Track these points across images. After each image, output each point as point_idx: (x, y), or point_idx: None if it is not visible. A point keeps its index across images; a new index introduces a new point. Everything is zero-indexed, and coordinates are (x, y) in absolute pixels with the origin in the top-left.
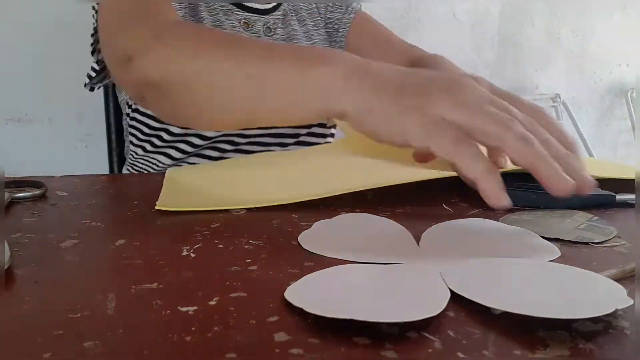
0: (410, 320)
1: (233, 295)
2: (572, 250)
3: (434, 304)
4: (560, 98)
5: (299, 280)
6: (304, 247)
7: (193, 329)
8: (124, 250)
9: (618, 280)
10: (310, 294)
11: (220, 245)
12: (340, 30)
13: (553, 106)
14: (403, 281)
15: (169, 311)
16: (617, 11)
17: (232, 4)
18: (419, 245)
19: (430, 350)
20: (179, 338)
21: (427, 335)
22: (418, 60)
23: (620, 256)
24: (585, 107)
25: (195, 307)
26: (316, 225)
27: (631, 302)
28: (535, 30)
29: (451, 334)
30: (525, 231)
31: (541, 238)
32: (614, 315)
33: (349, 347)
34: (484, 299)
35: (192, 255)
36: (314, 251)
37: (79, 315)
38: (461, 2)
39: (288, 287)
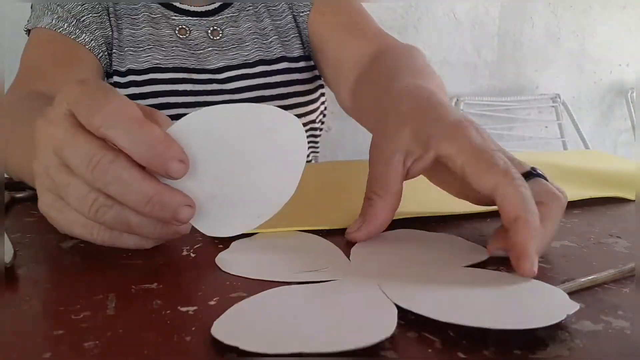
0: (367, 345)
1: (233, 295)
2: (571, 249)
3: (385, 323)
4: (560, 98)
5: (225, 313)
6: (224, 269)
7: (193, 329)
8: (124, 250)
9: (617, 280)
10: (243, 327)
11: (220, 246)
12: (302, 15)
13: (553, 106)
14: (343, 300)
15: (169, 311)
16: (617, 11)
17: (169, 9)
18: (349, 260)
19: (430, 351)
20: (179, 338)
21: (427, 335)
22: (387, 52)
23: (620, 256)
24: (585, 107)
25: (195, 307)
26: (234, 245)
27: (577, 306)
28: (535, 30)
29: (451, 334)
30: (452, 236)
31: (468, 241)
32: (613, 315)
33: None
34: (430, 311)
35: (192, 255)
36: (236, 273)
37: (79, 315)
38: (461, 2)
39: (214, 323)
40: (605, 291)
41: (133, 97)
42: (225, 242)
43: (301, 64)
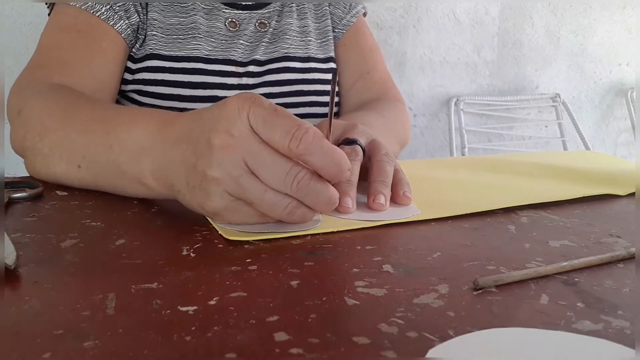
0: None
1: (233, 295)
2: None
3: None
4: (560, 98)
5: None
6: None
7: (193, 329)
8: (124, 250)
9: (612, 263)
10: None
11: (220, 245)
12: (336, 30)
13: (553, 106)
14: None
15: (169, 311)
16: (617, 11)
17: (221, 2)
18: None
19: (430, 350)
20: (179, 338)
21: (427, 335)
22: (380, 99)
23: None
24: (585, 107)
25: (195, 307)
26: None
27: None
28: (535, 30)
29: (451, 333)
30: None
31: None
32: (613, 315)
33: (349, 347)
34: None
35: (192, 255)
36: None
37: (79, 315)
38: (461, 2)
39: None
40: (606, 291)
41: (176, 84)
42: (225, 242)
43: (331, 64)
